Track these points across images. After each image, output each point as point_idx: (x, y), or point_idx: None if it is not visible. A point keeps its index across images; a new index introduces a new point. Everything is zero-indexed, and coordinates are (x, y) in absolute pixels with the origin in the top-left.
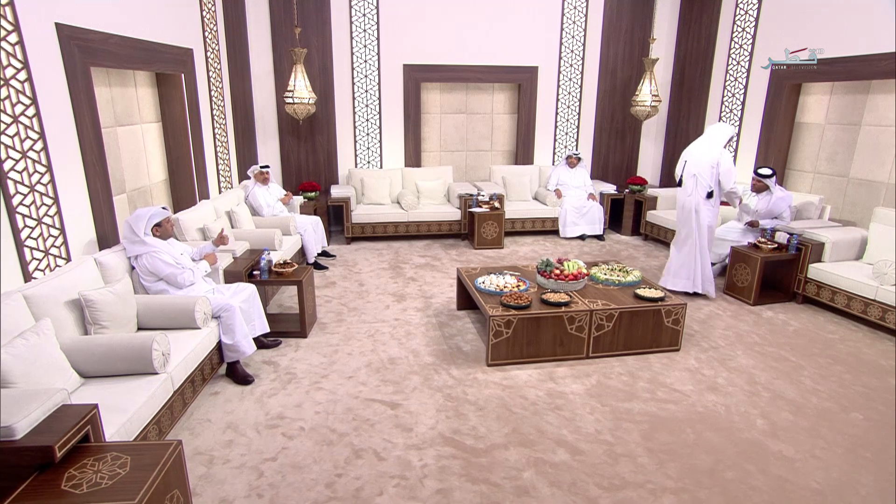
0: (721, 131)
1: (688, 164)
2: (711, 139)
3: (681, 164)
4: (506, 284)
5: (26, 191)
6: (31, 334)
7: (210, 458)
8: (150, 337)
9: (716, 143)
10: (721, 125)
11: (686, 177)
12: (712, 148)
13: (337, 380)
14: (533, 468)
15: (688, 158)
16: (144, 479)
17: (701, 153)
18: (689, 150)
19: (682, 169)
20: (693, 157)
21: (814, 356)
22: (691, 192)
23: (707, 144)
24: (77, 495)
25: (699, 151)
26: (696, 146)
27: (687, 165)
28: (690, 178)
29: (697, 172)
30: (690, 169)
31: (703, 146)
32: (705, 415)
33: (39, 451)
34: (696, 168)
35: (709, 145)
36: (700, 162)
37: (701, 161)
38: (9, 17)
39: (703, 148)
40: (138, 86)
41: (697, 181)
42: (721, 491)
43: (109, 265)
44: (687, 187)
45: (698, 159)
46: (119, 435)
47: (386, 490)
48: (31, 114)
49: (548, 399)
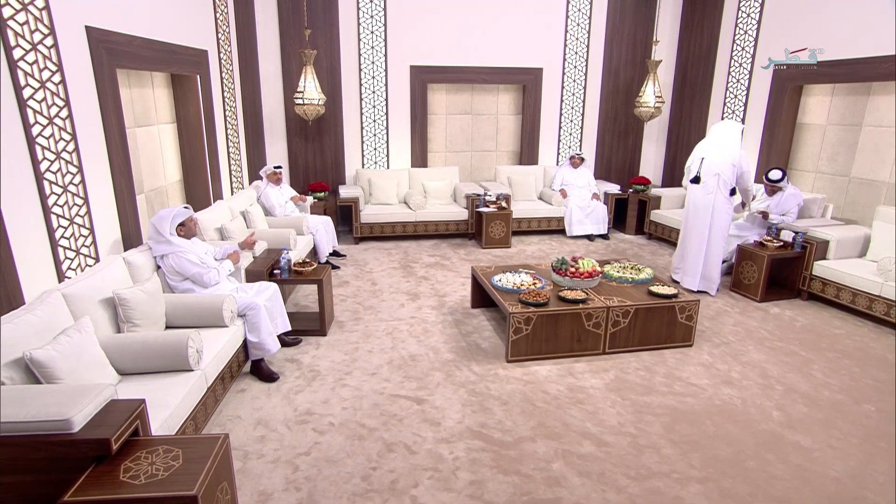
0: (734, 129)
1: (706, 163)
2: (727, 137)
3: (696, 162)
4: (522, 282)
5: (60, 191)
6: (73, 332)
7: (245, 454)
8: (185, 334)
9: (733, 141)
10: (730, 123)
11: (706, 175)
12: (731, 146)
13: (360, 376)
14: (561, 460)
15: (705, 156)
16: (199, 470)
17: (720, 151)
18: (705, 149)
19: (698, 167)
20: (711, 155)
21: (822, 351)
22: (712, 191)
23: (724, 143)
24: (137, 486)
25: (717, 150)
26: (712, 145)
27: (706, 164)
28: (713, 176)
29: (721, 171)
30: (712, 168)
31: (719, 145)
32: (723, 407)
33: (96, 444)
34: (718, 167)
35: (726, 144)
36: (722, 160)
37: (723, 159)
38: (45, 21)
39: (720, 146)
40: (155, 87)
41: (720, 179)
42: (744, 480)
43: (137, 264)
44: (708, 185)
45: (720, 158)
46: (162, 430)
47: (421, 482)
48: (65, 115)
49: (569, 394)
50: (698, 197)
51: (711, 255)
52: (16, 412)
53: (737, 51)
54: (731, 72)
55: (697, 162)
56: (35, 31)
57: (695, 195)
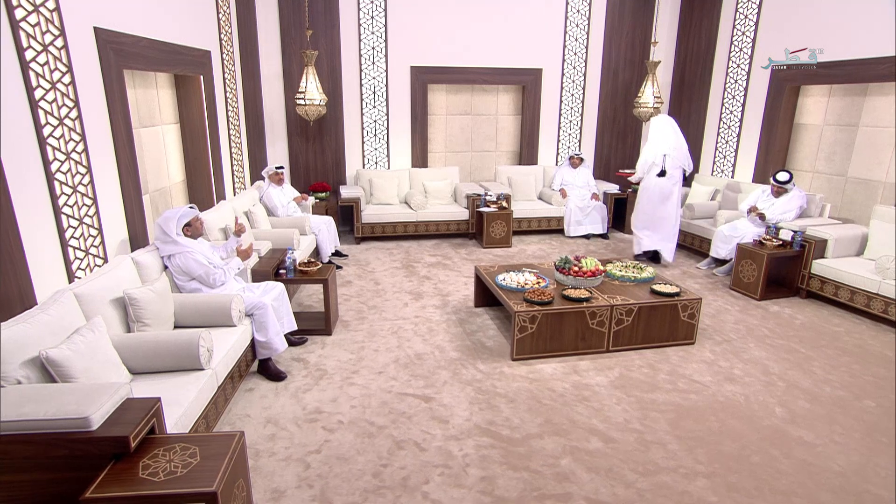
0: (672, 122)
1: (669, 159)
2: (673, 132)
3: (660, 160)
4: (526, 281)
5: (70, 192)
6: (86, 331)
7: (256, 452)
8: (196, 333)
9: (678, 133)
10: (666, 117)
11: (671, 168)
12: (680, 139)
13: (368, 375)
14: (569, 456)
15: (667, 153)
16: (217, 467)
17: (677, 146)
18: (665, 146)
19: (662, 163)
20: (671, 151)
21: (822, 348)
22: (676, 180)
23: (675, 138)
24: (156, 482)
25: (672, 145)
26: (669, 141)
27: (669, 160)
28: (676, 169)
29: (682, 164)
30: (675, 163)
31: (673, 140)
32: (726, 404)
33: (115, 442)
34: (680, 161)
35: (676, 138)
36: (680, 154)
37: (680, 153)
38: (55, 23)
39: (676, 143)
40: (158, 87)
41: (681, 171)
42: (750, 474)
43: (145, 265)
44: (673, 177)
45: (679, 153)
46: (176, 428)
47: (432, 478)
48: (74, 116)
49: (574, 391)
50: (664, 186)
51: (675, 228)
52: (35, 410)
53: (734, 52)
54: (729, 72)
55: (661, 159)
56: (46, 33)
57: (661, 185)
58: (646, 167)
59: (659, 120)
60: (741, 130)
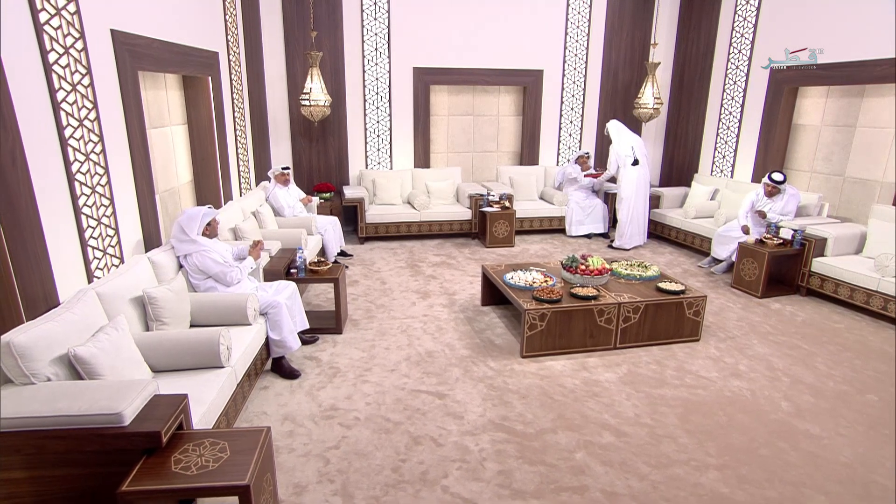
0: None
1: (637, 150)
2: (627, 131)
3: (631, 152)
4: (534, 280)
5: (89, 192)
6: (110, 329)
7: (276, 448)
8: (216, 332)
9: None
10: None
11: (642, 160)
12: (635, 135)
13: (380, 373)
14: (583, 450)
15: (634, 145)
16: (248, 461)
17: (637, 141)
18: (630, 142)
19: (634, 155)
20: (635, 143)
21: (824, 344)
22: (645, 168)
23: (632, 134)
24: (190, 476)
25: (634, 139)
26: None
27: (637, 151)
28: (644, 158)
29: (645, 153)
30: (641, 153)
31: (632, 136)
32: (733, 399)
33: (146, 437)
34: (643, 153)
35: (632, 134)
36: (641, 145)
37: (640, 144)
38: (76, 25)
39: (634, 137)
40: (168, 89)
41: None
42: (759, 466)
43: (162, 264)
44: (644, 167)
45: (640, 144)
46: (200, 424)
47: (450, 472)
48: (93, 117)
49: (584, 387)
50: (641, 175)
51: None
52: (69, 405)
53: (733, 53)
54: (728, 74)
55: (630, 151)
56: (67, 35)
57: (638, 174)
58: (620, 160)
59: (613, 124)
60: (740, 131)
